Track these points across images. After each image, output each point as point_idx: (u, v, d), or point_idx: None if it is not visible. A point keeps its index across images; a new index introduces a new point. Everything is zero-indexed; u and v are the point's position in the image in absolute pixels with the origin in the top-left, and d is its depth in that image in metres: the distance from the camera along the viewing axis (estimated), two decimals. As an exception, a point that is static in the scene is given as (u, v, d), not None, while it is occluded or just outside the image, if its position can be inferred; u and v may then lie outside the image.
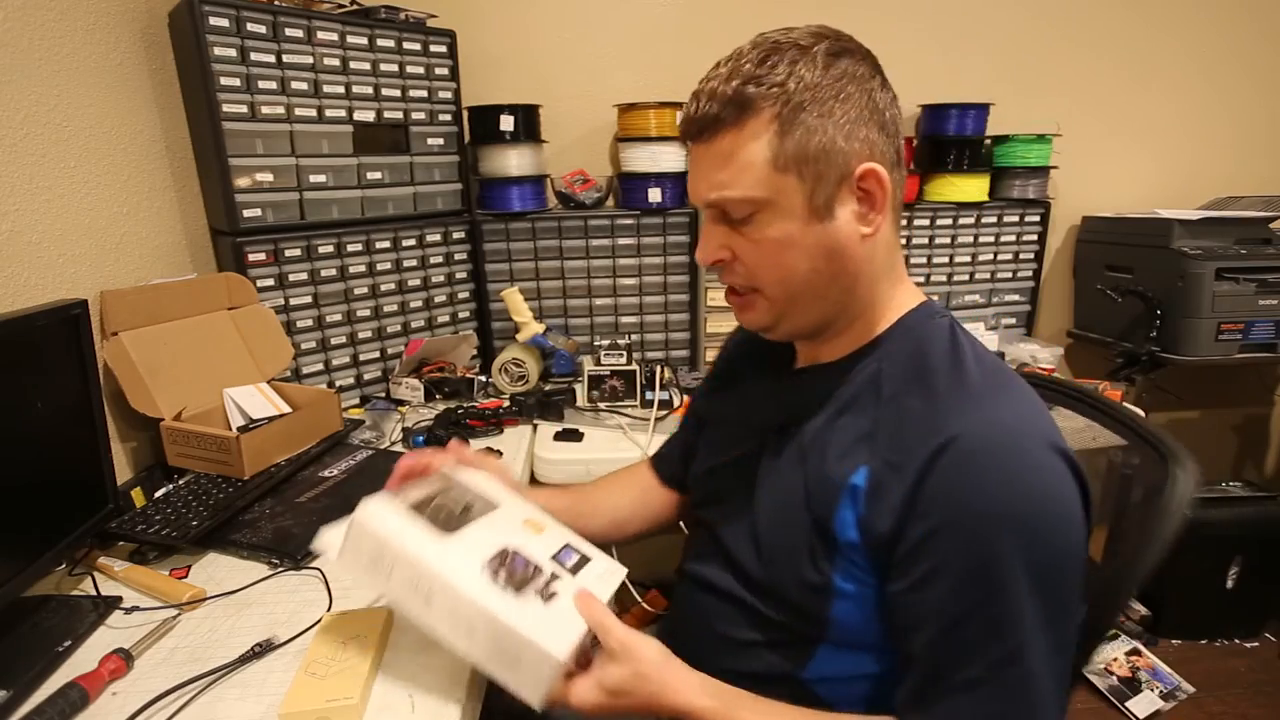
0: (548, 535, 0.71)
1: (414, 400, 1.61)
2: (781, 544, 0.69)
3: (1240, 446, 2.39)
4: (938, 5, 1.92)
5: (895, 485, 0.60)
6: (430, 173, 1.66)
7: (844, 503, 0.63)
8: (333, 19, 1.44)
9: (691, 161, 0.68)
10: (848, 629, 0.66)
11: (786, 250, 0.65)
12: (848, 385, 0.70)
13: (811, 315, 0.69)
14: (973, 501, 0.56)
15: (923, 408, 0.62)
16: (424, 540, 0.64)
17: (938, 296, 1.97)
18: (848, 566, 0.64)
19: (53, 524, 0.90)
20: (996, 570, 0.55)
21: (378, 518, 0.64)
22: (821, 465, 0.67)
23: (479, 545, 0.66)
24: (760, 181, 0.63)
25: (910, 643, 0.61)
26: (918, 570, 0.59)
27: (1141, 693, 1.70)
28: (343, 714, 0.68)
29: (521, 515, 0.72)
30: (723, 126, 0.63)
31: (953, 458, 0.57)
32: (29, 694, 0.74)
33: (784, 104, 0.61)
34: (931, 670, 0.59)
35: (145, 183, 1.29)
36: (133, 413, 1.16)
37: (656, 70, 1.83)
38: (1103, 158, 2.07)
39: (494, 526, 0.69)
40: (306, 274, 1.48)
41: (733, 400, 0.87)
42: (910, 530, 0.59)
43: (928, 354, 0.66)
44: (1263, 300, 1.76)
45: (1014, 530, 0.55)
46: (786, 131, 0.61)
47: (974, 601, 0.56)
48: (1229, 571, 1.86)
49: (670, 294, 1.83)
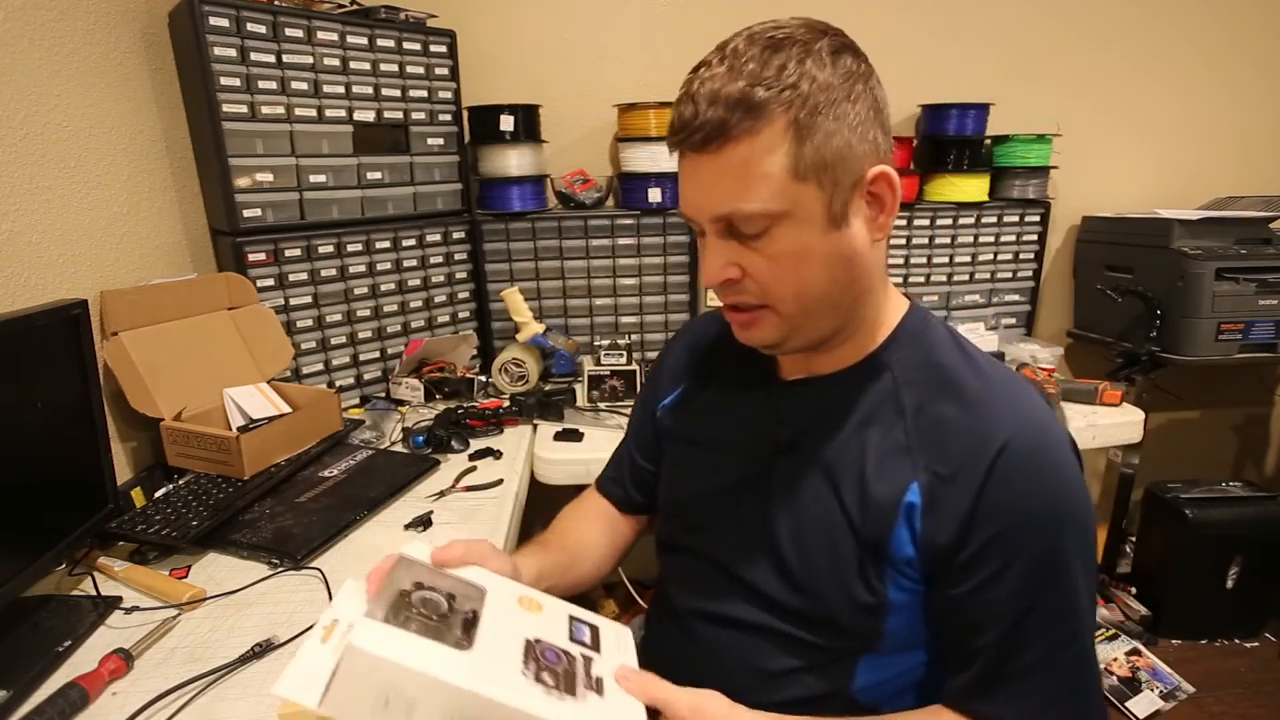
0: (549, 611, 0.62)
1: (414, 400, 1.61)
2: (823, 570, 0.65)
3: (1240, 446, 2.39)
4: (938, 4, 1.92)
5: (953, 497, 0.60)
6: (430, 173, 1.66)
7: (900, 522, 0.62)
8: (333, 19, 1.44)
9: (688, 172, 0.61)
10: (898, 637, 0.66)
11: (804, 263, 0.60)
12: (862, 397, 0.68)
13: (824, 328, 0.65)
14: (1033, 503, 0.59)
15: (960, 416, 0.62)
16: (449, 659, 0.50)
17: (937, 296, 1.97)
18: (900, 580, 0.63)
19: (53, 524, 0.90)
20: (1060, 564, 0.59)
21: (381, 641, 0.48)
22: (862, 486, 0.64)
23: (502, 647, 0.55)
24: (778, 193, 0.58)
25: (974, 638, 0.61)
26: (984, 572, 0.60)
27: (1141, 693, 1.70)
28: (343, 714, 0.68)
29: (512, 594, 0.62)
30: (733, 134, 0.57)
31: (1008, 463, 0.59)
32: (29, 694, 0.74)
33: (799, 107, 0.56)
34: (996, 661, 0.61)
35: (145, 183, 1.29)
36: (133, 413, 1.16)
37: (656, 70, 1.83)
38: (1103, 158, 2.07)
39: (500, 618, 0.58)
40: (306, 274, 1.48)
41: (713, 416, 0.80)
42: (974, 536, 0.59)
43: (941, 361, 0.67)
44: (1263, 300, 1.76)
45: (1069, 525, 0.60)
46: (805, 137, 0.57)
47: (1040, 595, 0.59)
48: (1229, 571, 1.86)
49: (670, 294, 1.83)
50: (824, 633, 0.67)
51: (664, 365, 0.90)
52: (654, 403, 0.88)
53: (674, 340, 0.92)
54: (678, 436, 0.83)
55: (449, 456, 1.34)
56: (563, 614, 0.63)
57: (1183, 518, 1.84)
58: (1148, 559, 1.99)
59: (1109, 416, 1.59)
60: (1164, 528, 1.91)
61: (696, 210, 0.62)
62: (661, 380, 0.88)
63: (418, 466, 1.26)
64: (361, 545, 1.04)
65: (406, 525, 1.08)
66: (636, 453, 0.91)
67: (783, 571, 0.68)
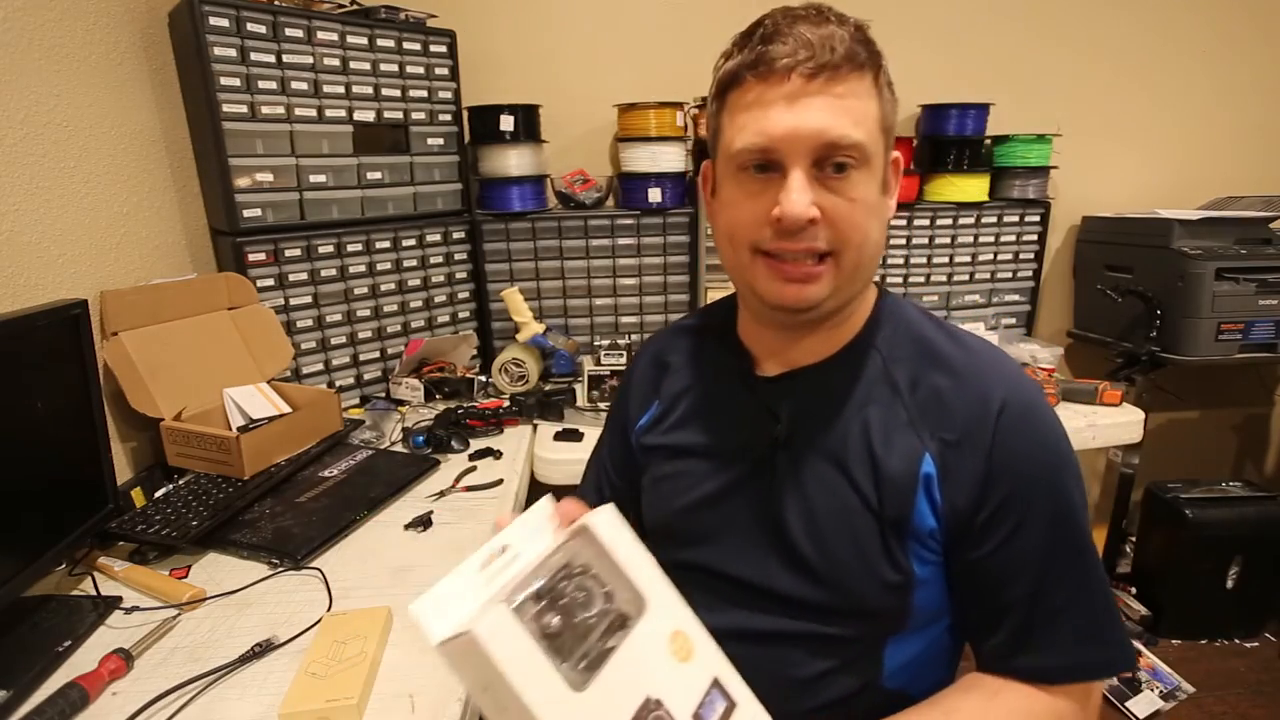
0: (695, 666, 0.55)
1: (414, 400, 1.61)
2: (846, 557, 0.65)
3: (1240, 446, 2.39)
4: (938, 5, 1.92)
5: (966, 461, 0.63)
6: (430, 173, 1.66)
7: (920, 494, 0.64)
8: (333, 19, 1.44)
9: (787, 102, 0.59)
10: (923, 612, 0.67)
11: (872, 215, 0.63)
12: (854, 381, 0.69)
13: (853, 292, 0.67)
14: (1037, 454, 0.63)
15: (954, 385, 0.65)
16: (553, 695, 0.46)
17: (937, 296, 1.98)
18: (923, 553, 0.65)
19: (53, 524, 0.90)
20: (1069, 506, 0.63)
21: (500, 640, 0.45)
22: (874, 465, 0.65)
23: (615, 701, 0.49)
24: (874, 137, 0.61)
25: (1002, 596, 0.63)
26: (1004, 528, 0.62)
27: (1141, 693, 1.70)
28: (343, 714, 0.68)
29: (670, 626, 0.54)
30: (856, 66, 0.60)
31: (1009, 422, 0.62)
32: (29, 694, 0.74)
33: (884, 71, 0.63)
34: (1028, 612, 0.63)
35: (145, 183, 1.29)
36: (133, 413, 1.16)
37: (656, 70, 1.83)
38: (1103, 158, 2.07)
39: (636, 655, 0.51)
40: (306, 274, 1.48)
41: (697, 425, 0.77)
42: (991, 496, 0.62)
43: (923, 336, 0.69)
44: (1263, 300, 1.76)
45: (1069, 469, 0.64)
46: (887, 98, 0.63)
47: (1058, 540, 0.62)
48: (1229, 571, 1.86)
49: (670, 294, 1.83)
50: (851, 622, 0.67)
51: (631, 387, 0.87)
52: (629, 426, 0.85)
53: (635, 361, 0.89)
54: (661, 452, 0.80)
55: (449, 456, 1.34)
56: (707, 675, 0.55)
57: (1183, 518, 1.84)
58: (1148, 559, 1.99)
59: (1109, 416, 1.59)
60: (1164, 528, 1.91)
61: (793, 141, 0.59)
62: (631, 403, 0.86)
63: (418, 466, 1.26)
64: (361, 545, 1.04)
65: (406, 525, 1.08)
66: (615, 477, 0.88)
67: (800, 567, 0.67)
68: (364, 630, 0.78)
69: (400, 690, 0.73)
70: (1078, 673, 0.63)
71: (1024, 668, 0.63)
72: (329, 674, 0.72)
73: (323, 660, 0.74)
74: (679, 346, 0.84)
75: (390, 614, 0.84)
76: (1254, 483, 1.96)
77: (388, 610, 0.84)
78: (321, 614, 0.85)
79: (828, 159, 0.60)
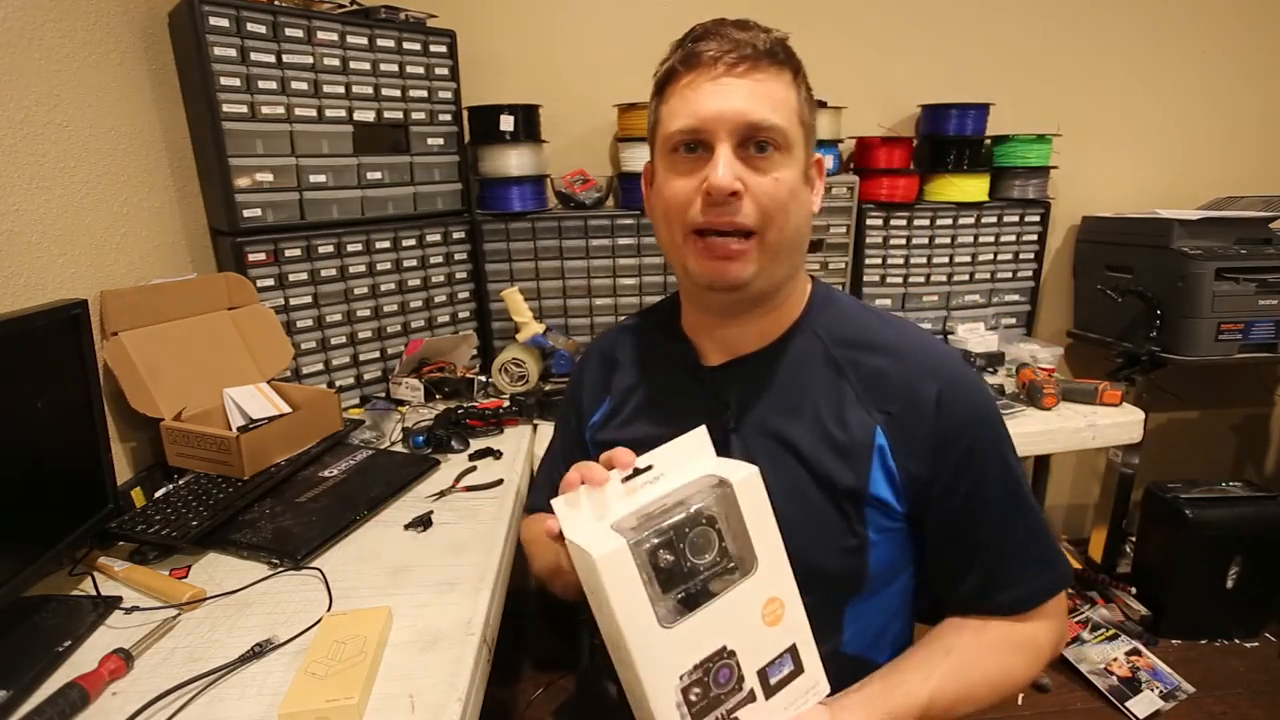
0: (778, 631, 0.60)
1: (414, 400, 1.61)
2: (804, 531, 0.68)
3: (1240, 446, 2.39)
4: (938, 5, 1.92)
5: (915, 432, 0.69)
6: (430, 173, 1.66)
7: (875, 464, 0.69)
8: (333, 19, 1.44)
9: (712, 91, 0.66)
10: (880, 572, 0.72)
11: (793, 197, 0.68)
12: (798, 364, 0.74)
13: (779, 274, 0.72)
14: (977, 415, 0.71)
15: (894, 365, 0.71)
16: (642, 625, 0.53)
17: (937, 296, 1.98)
18: (877, 518, 0.70)
19: (53, 524, 0.90)
20: (1007, 455, 0.72)
21: (610, 566, 0.52)
22: (828, 441, 0.70)
23: (697, 642, 0.55)
24: (792, 123, 0.68)
25: (970, 543, 0.71)
26: (966, 482, 0.69)
27: (1141, 693, 1.70)
28: (343, 714, 0.68)
29: (770, 591, 0.59)
30: (773, 61, 0.67)
31: (948, 392, 0.69)
32: (29, 694, 0.74)
33: (803, 74, 0.70)
34: (995, 552, 0.70)
35: (145, 183, 1.29)
36: (133, 413, 1.16)
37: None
38: (1102, 158, 2.08)
39: (730, 611, 0.57)
40: (306, 274, 1.48)
41: (649, 417, 0.80)
42: (947, 458, 0.69)
43: (859, 323, 0.76)
44: (1263, 300, 1.76)
45: (997, 420, 0.73)
46: (806, 97, 0.70)
47: (1005, 484, 0.71)
48: (1229, 571, 1.86)
49: (670, 294, 1.82)
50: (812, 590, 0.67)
51: (582, 386, 0.90)
52: (581, 424, 0.88)
53: (582, 362, 0.93)
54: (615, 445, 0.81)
55: (449, 456, 1.34)
56: (786, 641, 0.61)
57: (1183, 518, 1.84)
58: (1148, 559, 1.99)
59: (1109, 416, 1.59)
60: (1164, 528, 1.91)
61: (718, 120, 0.66)
62: (583, 403, 0.88)
63: (418, 466, 1.26)
64: (362, 545, 1.04)
65: (406, 525, 1.08)
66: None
67: None
68: (364, 630, 0.78)
69: (400, 690, 0.73)
70: (1043, 594, 0.71)
71: (1002, 603, 0.71)
72: (329, 674, 0.72)
73: (323, 660, 0.74)
74: (626, 344, 0.88)
75: (390, 614, 0.84)
76: (1254, 483, 1.96)
77: (388, 610, 0.84)
78: (321, 614, 0.85)
79: (750, 139, 0.66)
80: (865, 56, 1.92)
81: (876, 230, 1.89)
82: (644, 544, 0.54)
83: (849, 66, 1.90)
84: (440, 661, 0.77)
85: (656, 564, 0.54)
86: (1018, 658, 0.71)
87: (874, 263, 1.92)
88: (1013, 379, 1.76)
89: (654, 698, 0.54)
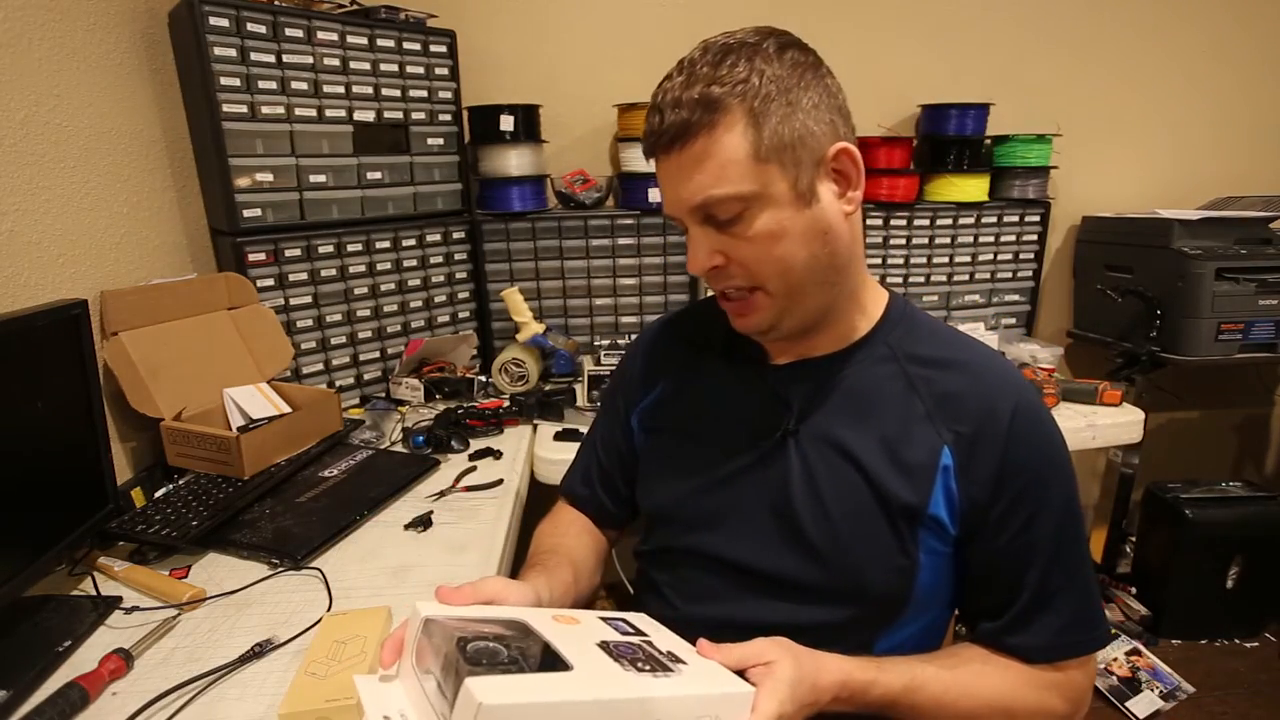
0: (585, 620, 0.61)
1: (414, 400, 1.61)
2: (854, 540, 0.68)
3: (1240, 446, 2.39)
4: (938, 6, 1.92)
5: (982, 457, 0.67)
6: (430, 173, 1.66)
7: (938, 484, 0.67)
8: (333, 19, 1.44)
9: (663, 175, 0.67)
10: (922, 599, 0.70)
11: (781, 241, 0.65)
12: (867, 374, 0.72)
13: (813, 305, 0.69)
14: (1046, 452, 0.68)
15: (969, 387, 0.69)
16: (568, 682, 0.50)
17: (937, 296, 1.97)
18: (930, 541, 0.68)
19: (53, 524, 0.90)
20: (1072, 501, 0.69)
21: (506, 691, 0.46)
22: (891, 455, 0.68)
23: (591, 656, 0.54)
24: (745, 176, 0.63)
25: (1015, 582, 0.68)
26: (1017, 521, 0.67)
27: (1141, 693, 1.70)
28: (343, 714, 0.68)
29: (547, 616, 0.60)
30: (695, 131, 0.62)
31: (1020, 423, 0.67)
32: (29, 694, 0.74)
33: (753, 98, 0.62)
34: (1033, 597, 0.68)
35: (145, 183, 1.29)
36: (133, 413, 1.15)
37: (656, 70, 1.80)
38: (1103, 158, 2.07)
39: (561, 637, 0.56)
40: (306, 274, 1.48)
41: (705, 409, 0.79)
42: (1006, 490, 0.67)
43: (935, 340, 0.73)
44: (1263, 300, 1.76)
45: (1069, 465, 0.70)
46: (761, 123, 0.62)
47: (1065, 530, 0.68)
48: (1229, 571, 1.86)
49: (670, 294, 1.82)
50: (850, 606, 0.69)
51: (632, 370, 0.89)
52: (627, 409, 0.87)
53: (636, 344, 0.92)
54: (666, 433, 0.82)
55: (449, 456, 1.34)
56: (594, 618, 0.62)
57: (1183, 518, 1.84)
58: (1148, 559, 1.99)
59: (1109, 416, 1.59)
60: (1164, 528, 1.91)
61: (675, 206, 0.67)
62: (632, 386, 0.87)
63: (418, 466, 1.26)
64: (361, 545, 1.04)
65: (406, 525, 1.08)
66: (608, 462, 0.90)
67: (806, 550, 0.69)
68: (364, 630, 0.78)
69: (400, 690, 0.73)
70: (1055, 653, 0.68)
71: (1013, 645, 0.69)
72: (329, 674, 0.72)
73: (323, 660, 0.74)
74: (687, 330, 0.86)
75: (390, 614, 0.84)
76: (1254, 483, 1.96)
77: (388, 610, 0.84)
78: (321, 614, 0.85)
79: (709, 217, 0.65)
80: (865, 56, 1.92)
81: (876, 230, 1.89)
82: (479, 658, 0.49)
83: (849, 66, 1.87)
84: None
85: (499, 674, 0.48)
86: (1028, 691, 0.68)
87: (874, 263, 1.92)
88: (1013, 379, 1.76)
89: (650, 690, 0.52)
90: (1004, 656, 0.69)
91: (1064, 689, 0.69)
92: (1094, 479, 2.29)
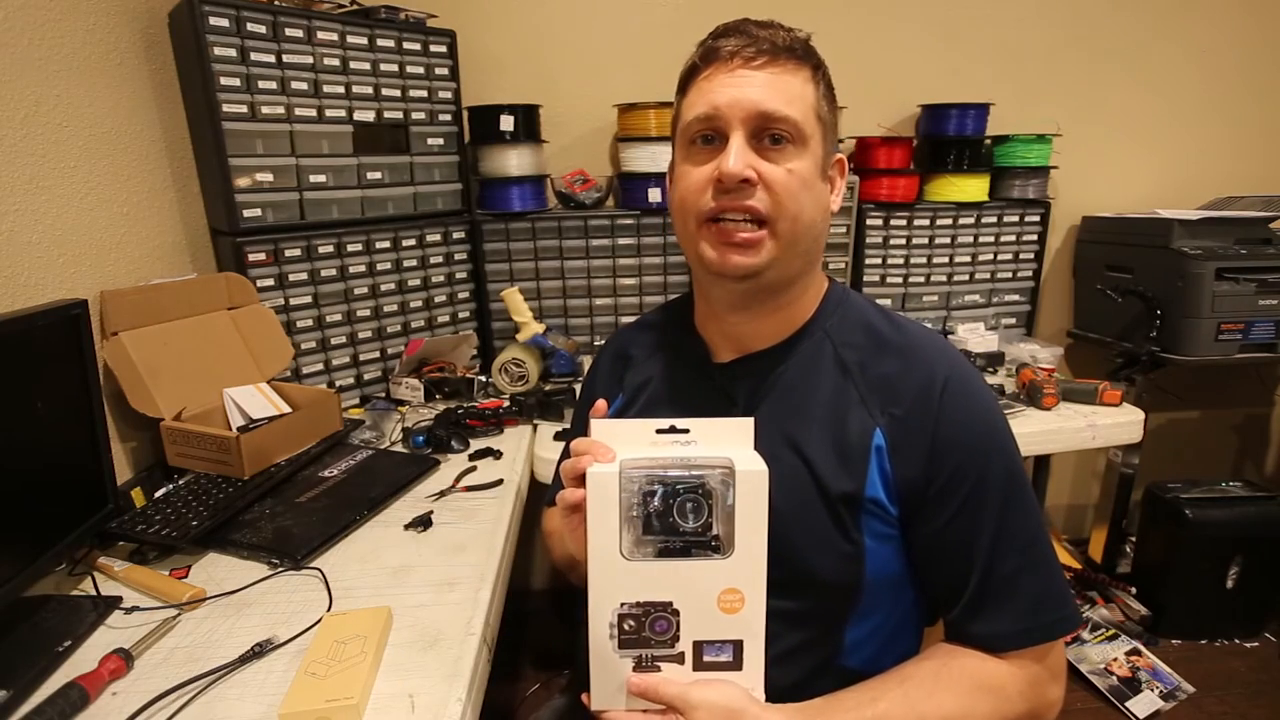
0: (732, 621, 0.64)
1: (414, 400, 1.61)
2: (800, 531, 0.68)
3: (1240, 446, 2.39)
4: (938, 6, 1.92)
5: (913, 435, 0.68)
6: (430, 173, 1.66)
7: (872, 465, 0.68)
8: (333, 19, 1.44)
9: (731, 81, 0.68)
10: (877, 584, 0.70)
11: (806, 189, 0.68)
12: (805, 363, 0.74)
13: (793, 268, 0.72)
14: (979, 424, 0.69)
15: (900, 368, 0.71)
16: (608, 543, 0.60)
17: (937, 296, 1.98)
18: (873, 524, 0.69)
19: (53, 524, 0.90)
20: (1014, 475, 0.68)
21: (601, 486, 0.60)
22: (828, 441, 0.70)
23: (651, 585, 0.61)
24: (807, 117, 0.68)
25: (962, 565, 0.67)
26: (956, 499, 0.67)
27: (1141, 693, 1.70)
28: (343, 714, 0.68)
29: (731, 581, 0.63)
30: (787, 58, 0.68)
31: (950, 399, 0.68)
32: (29, 694, 0.74)
33: (825, 73, 0.71)
34: (983, 579, 0.67)
35: (145, 183, 1.29)
36: (133, 413, 1.16)
37: (656, 70, 1.83)
38: (1103, 158, 2.07)
39: (689, 579, 0.62)
40: (306, 274, 1.48)
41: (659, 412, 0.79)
42: (940, 468, 0.67)
43: (869, 324, 0.75)
44: (1263, 300, 1.76)
45: (1008, 441, 0.70)
46: (825, 94, 0.71)
47: (1010, 502, 0.67)
48: (1229, 571, 1.86)
49: (670, 294, 1.82)
50: (805, 595, 0.69)
51: (596, 381, 0.92)
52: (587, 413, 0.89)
53: (597, 359, 0.95)
54: None
55: (449, 456, 1.34)
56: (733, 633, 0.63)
57: (1183, 518, 1.84)
58: (1148, 559, 1.99)
59: (1109, 416, 1.59)
60: (1164, 528, 1.91)
61: (731, 109, 0.67)
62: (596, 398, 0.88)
63: (418, 466, 1.26)
64: (361, 545, 1.04)
65: (406, 525, 1.08)
66: None
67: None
68: (364, 630, 0.78)
69: (400, 690, 0.73)
70: (1025, 638, 0.67)
71: (977, 634, 0.68)
72: (329, 674, 0.72)
73: (323, 660, 0.74)
74: (640, 340, 0.89)
75: (390, 614, 0.84)
76: (1254, 483, 1.96)
77: (388, 610, 0.84)
78: (321, 614, 0.85)
79: (764, 130, 0.67)
80: (865, 56, 1.92)
81: (876, 230, 1.89)
82: (637, 480, 0.59)
83: (849, 66, 1.89)
84: (440, 661, 0.77)
85: (646, 505, 0.60)
86: (981, 700, 0.65)
87: (874, 263, 1.92)
88: (1013, 379, 1.76)
89: (596, 615, 0.61)
90: (969, 655, 0.67)
91: (1022, 687, 0.67)
92: (1094, 479, 2.29)
